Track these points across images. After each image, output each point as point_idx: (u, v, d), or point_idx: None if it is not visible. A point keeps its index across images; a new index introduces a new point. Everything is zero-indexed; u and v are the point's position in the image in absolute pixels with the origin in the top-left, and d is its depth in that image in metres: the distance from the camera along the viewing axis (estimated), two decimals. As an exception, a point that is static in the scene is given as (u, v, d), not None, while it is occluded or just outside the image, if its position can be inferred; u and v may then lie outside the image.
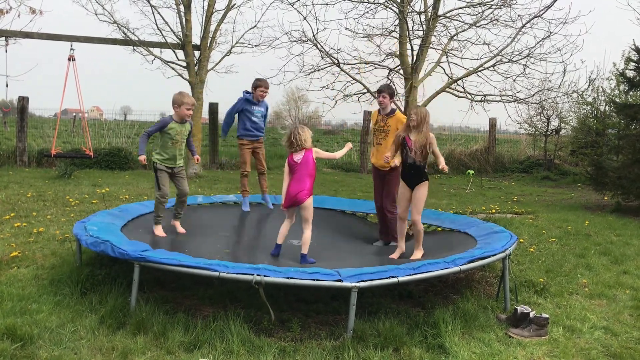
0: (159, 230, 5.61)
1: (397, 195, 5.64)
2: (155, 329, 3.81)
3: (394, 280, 3.88)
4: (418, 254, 5.24)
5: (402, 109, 15.30)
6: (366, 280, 3.80)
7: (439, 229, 6.46)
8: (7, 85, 12.49)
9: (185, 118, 5.58)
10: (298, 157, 5.06)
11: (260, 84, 7.09)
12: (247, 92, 7.12)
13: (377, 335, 3.85)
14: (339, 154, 5.53)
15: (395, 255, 5.35)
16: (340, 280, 3.76)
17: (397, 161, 5.67)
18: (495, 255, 4.53)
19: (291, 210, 5.15)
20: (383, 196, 6.13)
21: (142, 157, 5.53)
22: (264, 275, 3.76)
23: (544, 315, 4.15)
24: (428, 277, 4.09)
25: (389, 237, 6.08)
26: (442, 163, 5.21)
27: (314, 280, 3.77)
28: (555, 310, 4.68)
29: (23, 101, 14.70)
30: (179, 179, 5.81)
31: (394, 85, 15.54)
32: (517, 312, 4.19)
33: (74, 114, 16.60)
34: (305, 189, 5.00)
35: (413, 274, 3.97)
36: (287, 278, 3.79)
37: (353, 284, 3.73)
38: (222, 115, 14.61)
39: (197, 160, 6.27)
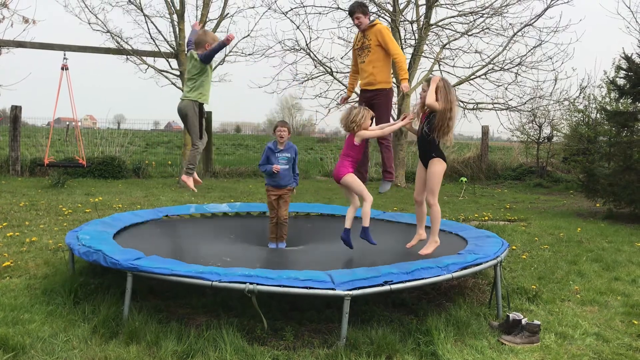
0: (190, 182, 5.28)
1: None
2: (148, 338, 3.81)
3: (387, 288, 3.89)
4: (430, 247, 5.08)
5: (395, 117, 15.39)
6: (359, 288, 3.80)
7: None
8: (-1, 95, 12.46)
9: None
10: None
11: (276, 125, 6.30)
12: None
13: (370, 343, 3.86)
14: (391, 128, 5.38)
15: (412, 243, 5.28)
16: (334, 289, 3.77)
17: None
18: (487, 262, 4.55)
19: (343, 190, 5.26)
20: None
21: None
22: (257, 284, 3.76)
23: (536, 322, 4.18)
24: (421, 284, 4.11)
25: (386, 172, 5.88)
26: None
27: (306, 288, 3.77)
28: (547, 317, 4.70)
29: (16, 110, 14.67)
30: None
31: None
32: (509, 319, 4.21)
33: (67, 123, 16.53)
34: (342, 168, 5.09)
35: (406, 281, 3.98)
36: (280, 286, 3.79)
37: (346, 292, 3.74)
38: (215, 123, 14.70)
39: None
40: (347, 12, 5.94)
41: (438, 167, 5.02)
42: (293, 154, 6.18)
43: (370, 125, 5.15)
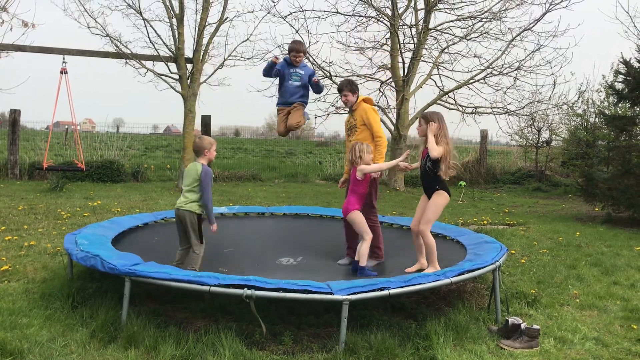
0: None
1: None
2: (147, 343, 3.80)
3: (385, 292, 3.89)
4: (430, 270, 4.99)
5: (394, 120, 15.41)
6: (357, 293, 3.80)
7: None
8: (-2, 98, 12.46)
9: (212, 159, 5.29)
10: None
11: (291, 47, 6.00)
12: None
13: (369, 347, 3.85)
14: (389, 164, 5.59)
15: (412, 270, 5.25)
16: (332, 293, 3.76)
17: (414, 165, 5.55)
18: (485, 267, 4.55)
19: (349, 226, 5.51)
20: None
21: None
22: (255, 289, 3.76)
23: (535, 326, 4.17)
24: (419, 289, 4.10)
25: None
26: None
27: (305, 292, 3.77)
28: (546, 321, 4.69)
29: (15, 114, 14.67)
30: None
31: (382, 95, 15.66)
32: (508, 323, 4.20)
33: (66, 127, 16.53)
34: (349, 205, 5.32)
35: (404, 287, 3.98)
36: (278, 291, 3.78)
37: (344, 297, 3.74)
38: (214, 127, 14.68)
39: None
40: (337, 89, 6.02)
41: (441, 199, 5.09)
42: (307, 72, 6.03)
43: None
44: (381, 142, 5.76)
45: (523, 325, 4.14)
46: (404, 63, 14.98)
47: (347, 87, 5.88)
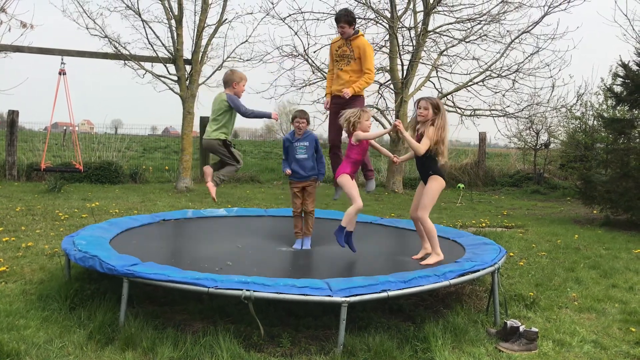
0: (214, 190, 5.47)
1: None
2: (145, 345, 3.78)
3: (384, 294, 3.88)
4: (432, 259, 5.02)
5: (392, 119, 15.41)
6: (356, 295, 3.79)
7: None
8: (-4, 99, 12.44)
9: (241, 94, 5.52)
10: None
11: (294, 115, 6.09)
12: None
13: (368, 350, 3.84)
14: (380, 132, 5.64)
15: (418, 256, 5.26)
16: (330, 296, 3.75)
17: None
18: (484, 269, 4.54)
19: (339, 189, 5.49)
20: (342, 130, 5.61)
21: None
22: (254, 290, 3.75)
23: (534, 329, 4.17)
24: (418, 291, 4.10)
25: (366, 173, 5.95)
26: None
27: (303, 295, 3.76)
28: (545, 324, 4.69)
29: (13, 115, 14.65)
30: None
31: (381, 96, 15.66)
32: (506, 326, 4.20)
33: (65, 128, 16.51)
34: (340, 168, 5.31)
35: (403, 288, 3.97)
36: (277, 293, 3.78)
37: (343, 299, 3.73)
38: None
39: None
40: (334, 18, 5.99)
41: (435, 183, 5.04)
42: (313, 143, 5.98)
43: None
44: (371, 75, 5.86)
45: (521, 328, 4.14)
46: (402, 65, 15.01)
47: (344, 17, 5.79)
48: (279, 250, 5.74)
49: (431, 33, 15.14)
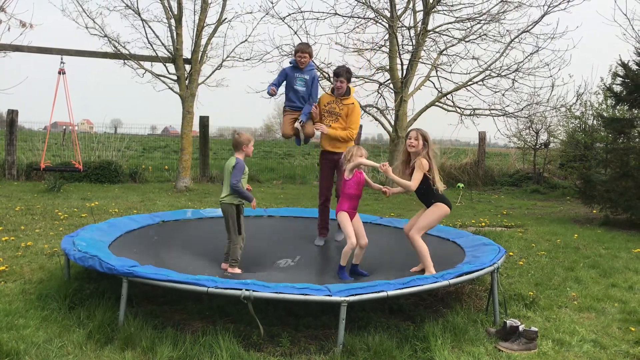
0: (235, 270, 5.38)
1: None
2: (144, 344, 3.78)
3: (384, 294, 3.88)
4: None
5: (392, 122, 15.41)
6: (355, 295, 3.79)
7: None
8: (-4, 98, 12.43)
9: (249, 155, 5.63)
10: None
11: (297, 49, 6.20)
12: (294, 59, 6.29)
13: (367, 349, 3.84)
14: (370, 162, 5.50)
15: (416, 269, 5.25)
16: (330, 295, 3.75)
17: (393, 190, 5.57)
18: (484, 268, 4.54)
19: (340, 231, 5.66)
20: (332, 185, 5.88)
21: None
22: (253, 290, 3.75)
23: (533, 328, 4.17)
24: (417, 291, 4.10)
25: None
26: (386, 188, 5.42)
27: (303, 294, 3.76)
28: (544, 323, 4.69)
29: (12, 114, 14.65)
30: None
31: (381, 96, 15.67)
32: (506, 325, 4.20)
33: (64, 127, 16.49)
34: (337, 204, 5.41)
35: (402, 288, 3.97)
36: (276, 293, 3.78)
37: (342, 299, 3.73)
38: (212, 129, 14.70)
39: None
40: (333, 73, 6.20)
41: (438, 210, 5.08)
42: (311, 79, 6.16)
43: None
44: (354, 132, 6.21)
45: (521, 328, 4.14)
46: (402, 65, 14.99)
47: (346, 74, 6.02)
48: (277, 263, 5.73)
49: (431, 32, 15.12)
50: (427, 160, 5.03)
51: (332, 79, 6.27)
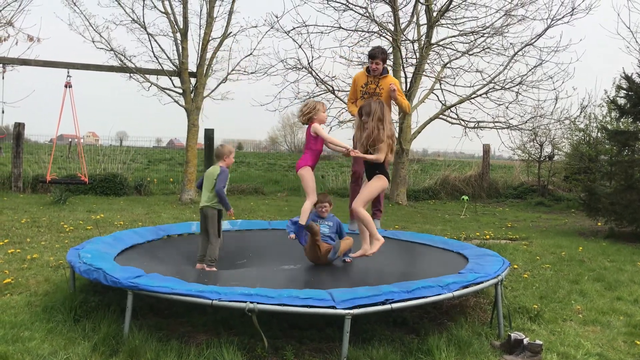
0: (212, 269, 5.56)
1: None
2: (149, 356, 3.79)
3: (388, 307, 3.88)
4: (375, 246, 5.13)
5: (396, 134, 15.45)
6: (360, 307, 3.79)
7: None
8: (2, 112, 12.54)
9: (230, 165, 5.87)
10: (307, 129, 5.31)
11: (318, 199, 5.71)
12: None
13: (371, 362, 3.84)
14: (340, 143, 5.48)
15: (356, 255, 5.37)
16: (334, 307, 3.76)
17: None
18: (488, 280, 4.54)
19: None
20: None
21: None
22: (257, 303, 3.76)
23: (538, 341, 4.16)
24: (422, 303, 4.10)
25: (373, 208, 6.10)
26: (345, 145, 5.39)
27: (307, 307, 3.77)
28: (549, 336, 4.68)
29: (19, 127, 14.75)
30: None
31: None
32: (511, 338, 4.19)
33: (70, 140, 16.59)
34: (301, 160, 5.32)
35: (407, 299, 3.97)
36: (281, 305, 3.78)
37: (347, 311, 3.73)
38: (217, 141, 14.72)
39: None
40: (368, 55, 6.10)
41: (379, 182, 5.16)
42: (335, 225, 5.79)
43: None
44: (409, 110, 5.99)
45: (526, 341, 4.13)
46: (406, 78, 15.04)
47: (381, 55, 5.97)
48: (280, 268, 5.74)
49: (434, 46, 15.20)
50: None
51: (368, 61, 6.15)
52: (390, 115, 5.18)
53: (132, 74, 14.00)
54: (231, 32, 14.57)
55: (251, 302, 3.75)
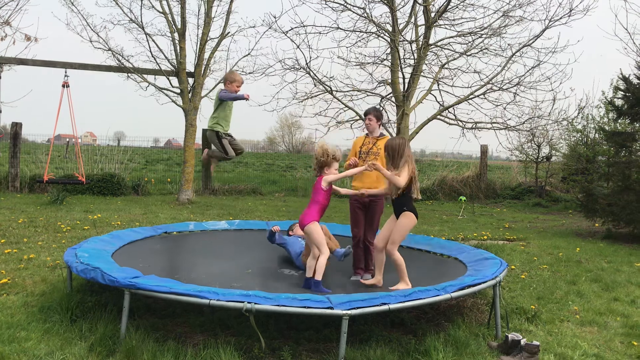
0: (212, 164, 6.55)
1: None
2: (146, 357, 3.79)
3: (385, 307, 3.88)
4: (401, 286, 4.98)
5: (395, 135, 15.44)
6: (357, 308, 3.79)
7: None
8: (0, 111, 12.51)
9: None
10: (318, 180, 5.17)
11: (290, 227, 6.64)
12: None
13: (368, 363, 3.84)
14: (351, 172, 5.47)
15: (368, 282, 5.26)
16: (332, 308, 3.75)
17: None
18: (485, 282, 4.54)
19: (306, 238, 5.23)
20: (365, 227, 5.78)
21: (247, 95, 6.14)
22: (255, 303, 3.75)
23: (535, 342, 4.16)
24: (419, 304, 4.09)
25: (368, 271, 5.75)
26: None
27: (304, 307, 3.76)
28: (546, 337, 4.68)
29: (16, 127, 14.72)
30: (234, 141, 6.47)
31: (383, 109, 15.70)
32: (508, 339, 4.19)
33: (67, 140, 16.57)
34: (306, 215, 5.06)
35: (404, 302, 3.97)
36: (278, 305, 3.77)
37: (344, 312, 3.73)
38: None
39: None
40: (364, 113, 6.13)
41: (408, 220, 5.07)
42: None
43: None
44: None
45: (523, 341, 4.13)
46: (404, 78, 15.05)
47: (374, 112, 5.98)
48: (281, 272, 5.72)
49: (432, 46, 15.20)
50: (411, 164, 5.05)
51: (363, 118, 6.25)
52: (411, 153, 5.13)
53: (129, 74, 13.98)
54: (229, 32, 14.56)
55: (249, 303, 3.75)
